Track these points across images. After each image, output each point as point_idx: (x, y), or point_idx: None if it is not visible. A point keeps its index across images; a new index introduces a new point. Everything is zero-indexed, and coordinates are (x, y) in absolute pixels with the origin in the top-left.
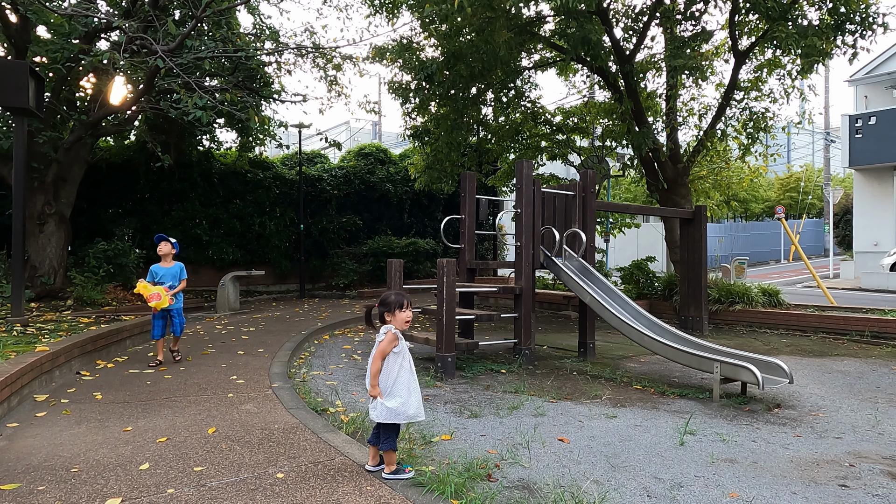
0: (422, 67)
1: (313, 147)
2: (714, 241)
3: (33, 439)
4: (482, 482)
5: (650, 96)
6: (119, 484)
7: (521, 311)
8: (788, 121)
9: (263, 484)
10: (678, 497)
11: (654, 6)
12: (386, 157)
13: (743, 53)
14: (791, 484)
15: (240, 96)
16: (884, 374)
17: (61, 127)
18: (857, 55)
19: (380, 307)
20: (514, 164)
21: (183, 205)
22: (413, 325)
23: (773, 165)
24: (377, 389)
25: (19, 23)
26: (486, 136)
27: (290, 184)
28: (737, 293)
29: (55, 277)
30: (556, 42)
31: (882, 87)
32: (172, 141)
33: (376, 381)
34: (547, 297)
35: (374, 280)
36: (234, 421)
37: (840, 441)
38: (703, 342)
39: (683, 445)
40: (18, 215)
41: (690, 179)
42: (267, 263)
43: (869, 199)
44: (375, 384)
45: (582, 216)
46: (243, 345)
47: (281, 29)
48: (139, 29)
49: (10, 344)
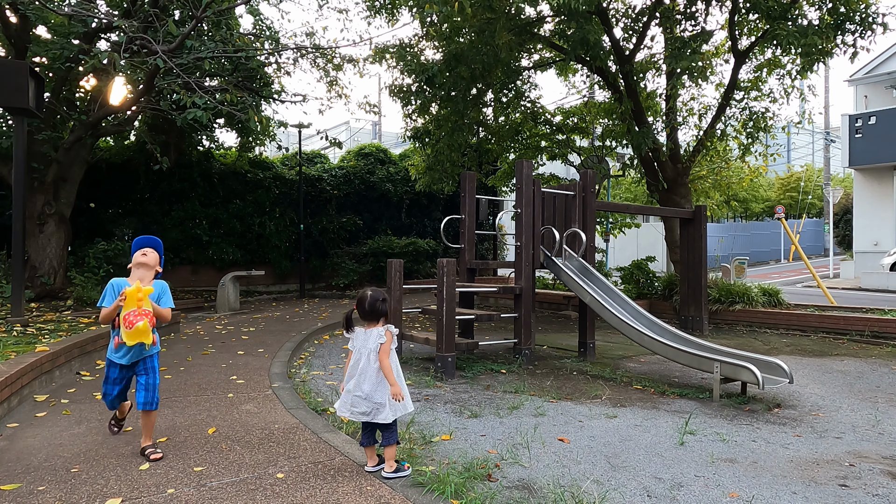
0: (422, 70)
1: (313, 147)
2: (714, 241)
3: (33, 439)
4: (482, 482)
5: (650, 96)
6: (119, 484)
7: (521, 311)
8: (788, 121)
9: (263, 484)
10: (678, 497)
11: (653, 6)
12: (386, 157)
13: (743, 53)
14: (791, 484)
15: (240, 96)
16: (884, 373)
17: (61, 127)
18: (856, 54)
19: (382, 305)
20: (514, 164)
21: (183, 205)
22: (413, 325)
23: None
24: (398, 387)
25: (19, 23)
26: (486, 137)
27: (289, 184)
28: (737, 293)
29: (55, 277)
30: (555, 42)
31: (882, 86)
32: (172, 141)
33: (395, 380)
34: (547, 297)
35: (374, 280)
36: (234, 421)
37: (840, 441)
38: (703, 342)
39: (683, 445)
40: (18, 215)
41: (690, 179)
42: (267, 263)
43: (869, 198)
44: (396, 382)
45: (582, 216)
46: (243, 345)
47: (281, 30)
48: (139, 29)
49: (10, 344)
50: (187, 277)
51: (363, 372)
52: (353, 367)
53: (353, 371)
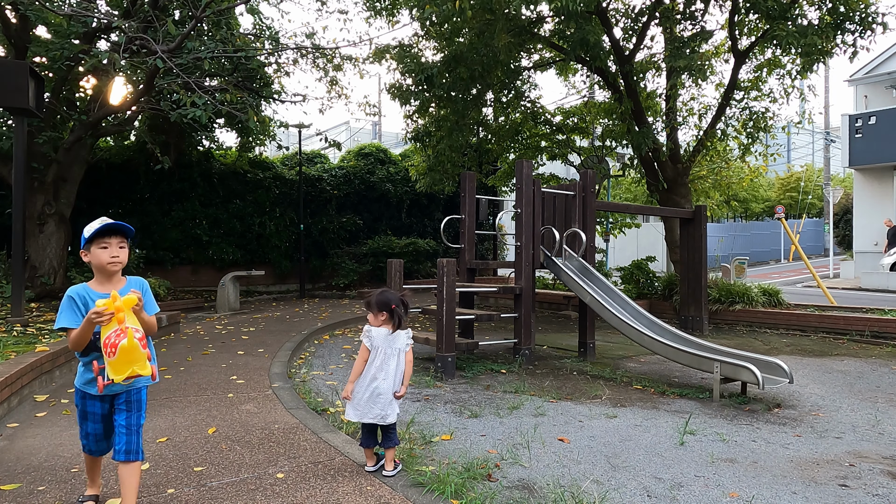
0: (421, 71)
1: (313, 147)
2: (714, 241)
3: (33, 439)
4: (482, 482)
5: (650, 96)
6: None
7: (521, 311)
8: (788, 121)
9: (263, 484)
10: (678, 497)
11: (653, 6)
12: (386, 157)
13: (743, 53)
14: (791, 484)
15: (239, 96)
16: (884, 373)
17: (61, 127)
18: (856, 54)
19: (400, 308)
20: (514, 164)
21: (183, 205)
22: (413, 325)
23: (774, 165)
24: (405, 389)
25: (19, 23)
26: (486, 137)
27: (289, 184)
28: (737, 293)
29: (55, 277)
30: (555, 42)
31: (882, 86)
32: (172, 141)
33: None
34: (547, 297)
35: (374, 280)
36: (234, 421)
37: (840, 441)
38: (703, 342)
39: (683, 445)
40: (18, 215)
41: (690, 179)
42: (267, 263)
43: (869, 198)
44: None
45: (582, 216)
46: (243, 345)
47: (281, 30)
48: (139, 29)
49: (10, 344)
50: (187, 277)
51: (390, 372)
52: (379, 368)
53: (379, 372)
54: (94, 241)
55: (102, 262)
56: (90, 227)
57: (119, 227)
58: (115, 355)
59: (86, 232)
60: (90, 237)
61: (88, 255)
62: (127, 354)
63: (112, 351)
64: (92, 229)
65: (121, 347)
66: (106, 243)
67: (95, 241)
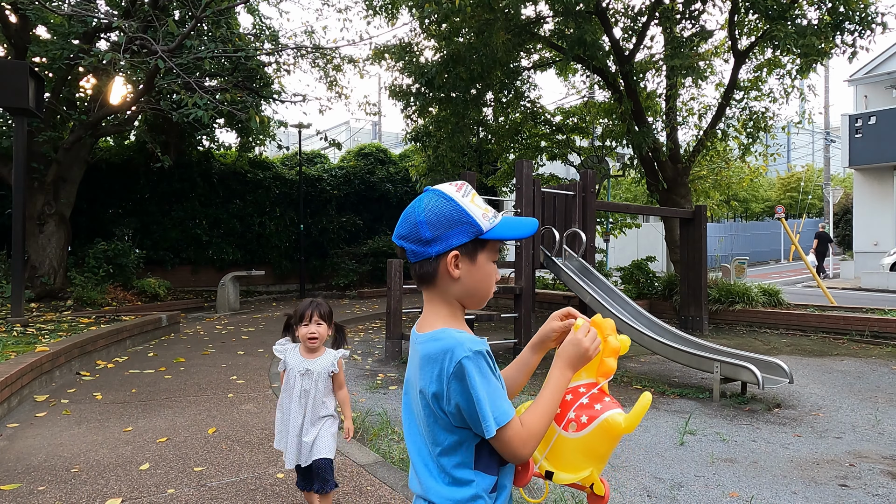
0: (421, 72)
1: (313, 147)
2: (714, 241)
3: (33, 439)
4: None
5: (650, 96)
6: (119, 484)
7: (521, 311)
8: (788, 120)
9: (263, 484)
10: (678, 497)
11: (653, 6)
12: (386, 157)
13: (742, 53)
14: (791, 484)
15: (240, 96)
16: (884, 373)
17: (61, 127)
18: (856, 54)
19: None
20: (514, 164)
21: (183, 205)
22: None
23: (774, 165)
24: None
25: (19, 23)
26: (486, 137)
27: (289, 184)
28: (737, 293)
29: (55, 277)
30: (555, 42)
31: (882, 86)
32: (172, 141)
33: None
34: (547, 297)
35: (374, 280)
36: (234, 421)
37: (840, 441)
38: (703, 342)
39: (683, 445)
40: (18, 215)
41: (690, 179)
42: (267, 263)
43: (869, 198)
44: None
45: (582, 216)
46: (243, 345)
47: (281, 30)
48: (139, 29)
49: (10, 344)
50: (187, 277)
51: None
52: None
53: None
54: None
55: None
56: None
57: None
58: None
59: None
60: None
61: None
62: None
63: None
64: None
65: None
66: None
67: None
